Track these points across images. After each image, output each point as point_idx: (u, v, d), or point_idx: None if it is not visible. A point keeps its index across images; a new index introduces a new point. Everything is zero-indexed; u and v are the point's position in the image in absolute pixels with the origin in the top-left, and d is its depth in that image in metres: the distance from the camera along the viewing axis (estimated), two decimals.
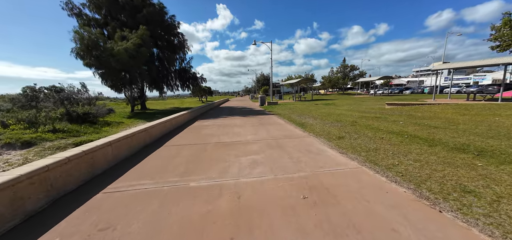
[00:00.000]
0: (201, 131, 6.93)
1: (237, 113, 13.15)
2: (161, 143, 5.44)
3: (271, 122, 8.50)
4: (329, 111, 11.50)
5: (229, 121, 9.31)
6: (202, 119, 10.41)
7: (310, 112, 11.72)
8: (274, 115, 11.22)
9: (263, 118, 10.07)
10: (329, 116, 9.30)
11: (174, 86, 18.13)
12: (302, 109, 13.81)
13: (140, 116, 11.78)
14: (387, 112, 9.68)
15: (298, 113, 11.20)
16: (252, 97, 46.57)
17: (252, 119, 9.79)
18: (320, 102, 21.73)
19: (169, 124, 7.07)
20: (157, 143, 5.39)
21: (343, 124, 7.07)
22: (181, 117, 8.46)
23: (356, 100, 22.65)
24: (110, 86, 12.66)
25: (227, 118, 10.31)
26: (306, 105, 16.98)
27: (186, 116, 9.42)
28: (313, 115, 10.20)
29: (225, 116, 11.25)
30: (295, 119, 8.93)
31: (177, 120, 8.05)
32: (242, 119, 9.93)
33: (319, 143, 4.96)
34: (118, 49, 10.89)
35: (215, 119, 10.05)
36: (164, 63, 15.23)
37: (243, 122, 8.85)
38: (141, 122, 9.77)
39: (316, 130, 6.42)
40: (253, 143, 5.12)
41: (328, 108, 13.45)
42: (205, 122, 9.08)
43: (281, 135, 6.01)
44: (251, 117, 10.42)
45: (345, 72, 43.88)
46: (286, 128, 7.15)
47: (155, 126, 5.87)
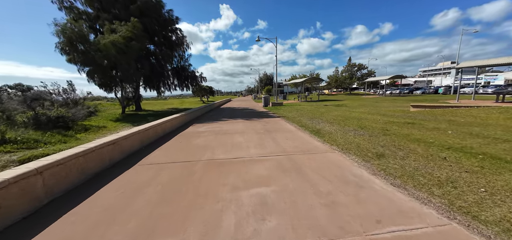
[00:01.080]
0: (192, 141, 5.56)
1: (239, 115, 11.76)
2: (135, 160, 4.07)
3: (278, 128, 7.07)
4: (344, 114, 10.01)
5: (229, 126, 7.92)
6: (199, 122, 9.06)
7: (322, 115, 10.25)
8: (280, 118, 9.80)
9: (269, 122, 8.65)
10: (347, 121, 7.83)
11: (171, 86, 16.85)
12: (312, 111, 12.34)
13: (130, 118, 10.49)
14: (417, 117, 8.16)
15: (308, 116, 9.75)
16: (255, 97, 45.19)
17: (256, 123, 8.39)
18: (328, 103, 20.19)
19: (153, 131, 5.71)
20: (129, 161, 4.02)
21: (371, 133, 5.60)
22: (170, 122, 7.11)
23: (369, 101, 21.03)
24: (99, 85, 11.42)
25: (227, 122, 8.93)
26: (315, 107, 15.49)
27: (179, 119, 8.07)
28: (327, 119, 8.74)
29: (225, 119, 9.88)
30: (307, 124, 7.49)
31: (165, 126, 6.70)
32: (244, 123, 8.54)
33: (352, 163, 3.53)
34: (104, 42, 9.61)
35: (213, 123, 8.68)
36: (160, 61, 13.97)
37: (245, 127, 7.46)
38: (128, 126, 8.46)
39: (339, 141, 4.98)
40: (259, 162, 3.72)
41: (342, 111, 11.94)
42: (200, 127, 7.71)
43: (295, 148, 4.59)
44: (254, 121, 9.02)
45: (352, 71, 42.03)
46: (299, 137, 5.72)
47: (131, 136, 4.51)
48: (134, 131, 4.71)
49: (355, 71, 41.80)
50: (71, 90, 12.01)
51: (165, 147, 4.94)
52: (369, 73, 40.58)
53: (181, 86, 17.13)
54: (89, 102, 16.58)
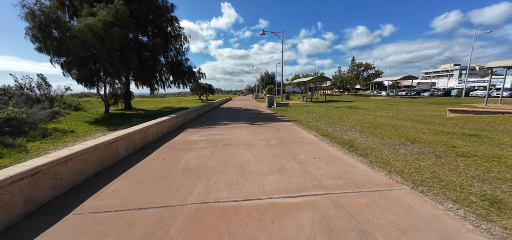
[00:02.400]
0: (180, 159, 3.91)
1: (242, 117, 10.12)
2: (72, 202, 2.43)
3: (295, 138, 5.44)
4: (366, 119, 8.39)
5: (230, 132, 6.29)
6: (194, 126, 7.42)
7: (340, 119, 8.63)
8: (291, 122, 8.17)
9: (279, 127, 7.02)
10: (379, 129, 6.21)
11: (166, 82, 15.15)
12: (325, 113, 10.72)
13: (112, 120, 8.82)
14: (468, 125, 6.54)
15: (325, 121, 8.12)
16: (256, 96, 43.53)
17: (264, 129, 6.76)
18: (338, 104, 18.56)
19: (125, 143, 4.06)
20: (62, 203, 2.39)
21: (434, 151, 3.98)
22: (155, 128, 5.47)
23: (382, 103, 19.40)
24: (77, 79, 9.74)
25: (228, 127, 7.29)
26: (325, 108, 13.86)
27: (168, 123, 6.43)
28: (350, 124, 7.11)
29: (225, 123, 8.24)
30: (330, 132, 5.87)
31: (148, 132, 5.05)
32: (249, 128, 6.90)
33: (463, 225, 1.91)
34: (79, 27, 7.92)
35: (211, 128, 7.04)
36: (153, 53, 12.27)
37: (252, 134, 5.82)
38: (103, 130, 6.81)
39: (395, 164, 3.37)
40: (286, 212, 2.11)
41: (361, 114, 10.32)
42: (195, 135, 6.06)
43: (333, 176, 2.97)
44: (261, 126, 7.39)
45: (358, 71, 40.22)
46: (328, 153, 4.10)
47: (80, 155, 2.87)
48: (88, 147, 3.07)
49: (361, 71, 40.03)
50: (45, 86, 10.36)
51: (136, 172, 3.30)
52: (377, 73, 38.80)
53: (177, 82, 15.43)
54: (72, 99, 14.91)
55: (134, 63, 9.95)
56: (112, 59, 8.71)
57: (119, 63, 9.15)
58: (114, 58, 8.77)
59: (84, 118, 8.97)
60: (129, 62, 9.86)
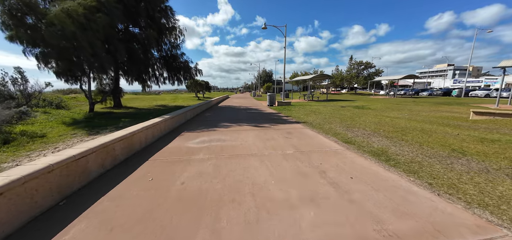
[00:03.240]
0: (174, 179, 2.95)
1: (244, 118, 9.16)
2: None
3: (313, 145, 4.54)
4: (386, 121, 7.59)
5: (234, 137, 5.33)
6: (191, 129, 6.42)
7: (354, 120, 7.81)
8: (301, 124, 7.27)
9: (290, 131, 6.11)
10: (407, 134, 5.39)
11: (159, 78, 13.98)
12: (334, 114, 9.88)
13: (95, 121, 7.69)
14: (505, 130, 5.79)
15: (338, 123, 7.27)
16: (254, 94, 42.52)
17: (273, 133, 5.83)
18: (342, 103, 17.81)
19: (101, 157, 3.05)
20: None
21: (506, 169, 3.15)
22: (144, 133, 4.45)
23: (389, 102, 18.77)
24: (56, 73, 8.53)
25: (231, 130, 6.33)
26: (331, 108, 13.06)
27: (160, 126, 5.41)
28: (370, 128, 6.28)
29: (227, 125, 7.27)
30: (351, 139, 5.00)
31: (135, 139, 4.04)
32: (255, 132, 5.96)
33: None
34: (56, 13, 6.75)
35: (211, 132, 6.07)
36: (145, 46, 11.10)
37: (261, 141, 4.89)
38: (81, 134, 5.73)
39: (468, 190, 2.51)
40: None
41: (375, 115, 9.53)
42: (192, 141, 5.08)
43: (395, 211, 2.08)
44: (268, 128, 6.46)
45: (358, 69, 39.61)
46: (364, 169, 3.21)
47: (17, 186, 1.86)
48: (37, 169, 2.06)
49: (361, 70, 39.42)
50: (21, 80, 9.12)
51: (109, 204, 2.31)
52: (377, 72, 38.27)
53: (172, 78, 14.28)
54: (54, 96, 13.58)
55: (122, 56, 8.81)
56: (95, 51, 7.57)
57: (104, 56, 8.02)
58: (97, 50, 7.63)
59: (63, 118, 7.81)
60: (116, 55, 8.71)
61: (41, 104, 10.47)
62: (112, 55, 8.68)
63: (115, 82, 12.83)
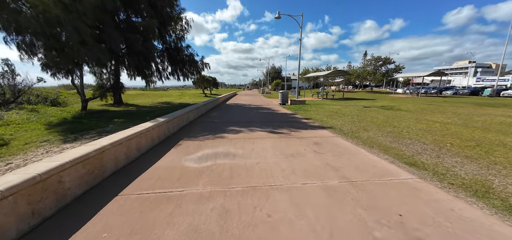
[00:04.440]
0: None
1: (255, 119, 7.80)
2: None
3: (364, 169, 3.11)
4: (439, 129, 5.97)
5: (247, 149, 3.99)
6: (192, 135, 5.14)
7: (394, 127, 6.24)
8: (326, 129, 5.80)
9: (318, 141, 4.68)
10: (492, 150, 3.82)
11: (163, 72, 12.85)
12: (362, 116, 8.31)
13: (83, 122, 6.58)
14: None
15: (376, 130, 5.74)
16: (262, 91, 41.04)
17: (296, 143, 4.42)
18: (362, 103, 16.01)
19: (24, 200, 1.78)
20: None
21: None
22: (124, 146, 3.19)
23: (418, 102, 16.78)
24: (42, 66, 7.51)
25: (242, 138, 4.99)
26: (354, 109, 11.42)
27: (152, 134, 4.16)
28: (426, 138, 4.73)
29: (236, 129, 5.94)
30: (414, 158, 3.51)
31: (103, 159, 2.77)
32: (273, 141, 4.58)
33: None
34: None
35: (215, 141, 4.75)
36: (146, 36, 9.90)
37: (284, 157, 3.51)
38: (55, 142, 4.58)
39: None
40: None
41: (417, 120, 7.87)
42: (190, 158, 3.78)
43: None
44: (288, 136, 5.05)
45: (376, 65, 36.81)
46: (483, 230, 1.74)
47: None
48: None
49: (379, 66, 36.63)
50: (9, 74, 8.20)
51: None
52: (397, 68, 35.24)
53: (176, 73, 13.11)
54: (49, 91, 12.78)
55: (117, 46, 7.65)
56: (84, 39, 6.42)
57: (95, 45, 6.86)
58: (86, 37, 6.47)
59: (49, 118, 6.77)
60: (111, 44, 7.55)
61: (34, 101, 9.60)
62: (106, 44, 7.53)
63: (116, 76, 11.82)
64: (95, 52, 6.96)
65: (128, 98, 17.72)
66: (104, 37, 7.41)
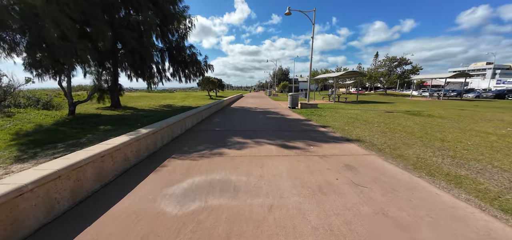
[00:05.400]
0: None
1: (263, 126, 6.64)
2: None
3: (442, 226, 1.86)
4: (503, 145, 4.58)
5: (254, 176, 2.83)
6: (184, 149, 4.05)
7: (443, 141, 4.91)
8: (354, 143, 4.54)
9: (350, 163, 3.45)
10: None
11: (163, 73, 11.96)
12: (391, 125, 6.98)
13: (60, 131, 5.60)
14: None
15: (422, 145, 4.44)
16: (269, 93, 39.89)
17: (322, 167, 3.22)
18: (380, 106, 14.49)
19: None
20: None
21: None
22: (91, 168, 2.09)
23: (449, 107, 15.11)
24: (28, 65, 6.70)
25: (246, 155, 3.83)
26: (376, 114, 10.04)
27: (131, 149, 3.08)
28: (500, 163, 3.39)
29: (240, 141, 4.79)
30: (501, 199, 2.22)
31: (50, 192, 1.67)
32: (288, 161, 3.40)
33: None
34: None
35: (213, 159, 3.62)
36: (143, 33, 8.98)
37: (308, 191, 2.33)
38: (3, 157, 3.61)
39: None
40: None
41: (463, 130, 6.48)
42: (173, 189, 2.66)
43: None
44: (307, 153, 3.86)
45: (390, 66, 34.62)
46: None
47: None
48: None
49: (394, 67, 34.42)
50: None
51: None
52: (414, 69, 32.86)
53: (178, 74, 12.19)
54: (43, 93, 12.15)
55: (107, 42, 6.72)
56: (65, 33, 5.50)
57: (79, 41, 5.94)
58: (67, 32, 5.55)
59: (25, 124, 5.88)
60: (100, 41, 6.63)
61: (23, 104, 8.89)
62: (94, 41, 6.63)
63: (113, 77, 11.02)
64: (80, 49, 6.04)
65: (129, 100, 17.05)
66: (92, 32, 6.51)
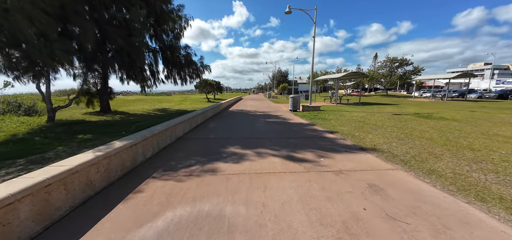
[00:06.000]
0: None
1: (265, 134, 5.93)
2: None
3: None
4: None
5: (254, 201, 2.13)
6: (167, 168, 3.34)
7: (473, 150, 4.24)
8: (369, 153, 3.85)
9: (374, 182, 2.76)
10: None
11: (157, 74, 11.24)
12: (405, 129, 6.30)
13: (19, 141, 4.91)
14: None
15: (450, 156, 3.76)
16: (269, 95, 39.25)
17: (339, 188, 2.52)
18: (387, 108, 13.83)
19: None
20: None
21: None
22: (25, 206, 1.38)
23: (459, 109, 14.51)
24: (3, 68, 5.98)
25: (246, 168, 3.12)
26: (384, 117, 9.37)
27: (91, 172, 2.37)
28: None
29: (237, 153, 4.09)
30: None
31: None
32: (297, 181, 2.70)
33: None
34: None
35: (203, 178, 2.90)
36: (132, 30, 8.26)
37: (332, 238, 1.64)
38: None
39: None
40: None
41: (486, 135, 5.81)
42: (144, 230, 1.93)
43: None
44: (318, 166, 3.16)
45: (391, 67, 34.13)
46: None
47: None
48: None
49: (395, 67, 33.93)
50: None
51: None
52: (416, 70, 32.40)
53: (172, 76, 11.48)
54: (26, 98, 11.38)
55: (89, 40, 6.02)
56: (41, 30, 4.80)
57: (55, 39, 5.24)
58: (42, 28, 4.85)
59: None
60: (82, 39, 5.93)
61: (2, 109, 8.14)
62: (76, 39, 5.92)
63: (103, 80, 10.30)
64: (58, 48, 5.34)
65: (123, 103, 16.31)
66: (73, 30, 5.82)
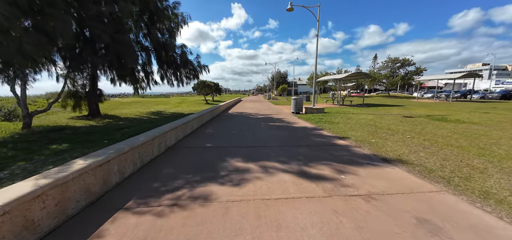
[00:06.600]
0: None
1: (268, 142, 5.22)
2: None
3: None
4: None
5: None
6: (147, 194, 2.61)
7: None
8: (398, 168, 3.16)
9: (439, 223, 2.05)
10: None
11: (150, 75, 10.50)
12: (426, 135, 5.61)
13: None
14: None
15: (494, 169, 3.05)
16: (268, 97, 38.59)
17: (392, 238, 1.82)
18: (393, 110, 13.16)
19: None
20: None
21: None
22: None
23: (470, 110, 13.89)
24: None
25: (250, 194, 2.40)
26: (396, 120, 8.70)
27: (62, 193, 1.64)
28: None
29: (238, 168, 3.37)
30: None
31: None
32: (320, 213, 1.99)
33: None
34: None
35: (193, 212, 2.18)
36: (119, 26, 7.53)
37: None
38: None
39: None
40: None
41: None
42: None
43: None
44: (342, 190, 2.46)
45: (393, 68, 33.57)
46: None
47: None
48: None
49: (397, 68, 33.39)
50: None
51: None
52: (418, 70, 31.87)
53: (166, 76, 10.75)
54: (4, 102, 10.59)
55: (69, 37, 5.29)
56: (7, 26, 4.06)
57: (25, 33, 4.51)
58: (7, 24, 4.12)
59: None
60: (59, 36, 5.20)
61: None
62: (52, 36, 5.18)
63: (92, 81, 9.55)
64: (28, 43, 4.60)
65: (116, 106, 15.55)
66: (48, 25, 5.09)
